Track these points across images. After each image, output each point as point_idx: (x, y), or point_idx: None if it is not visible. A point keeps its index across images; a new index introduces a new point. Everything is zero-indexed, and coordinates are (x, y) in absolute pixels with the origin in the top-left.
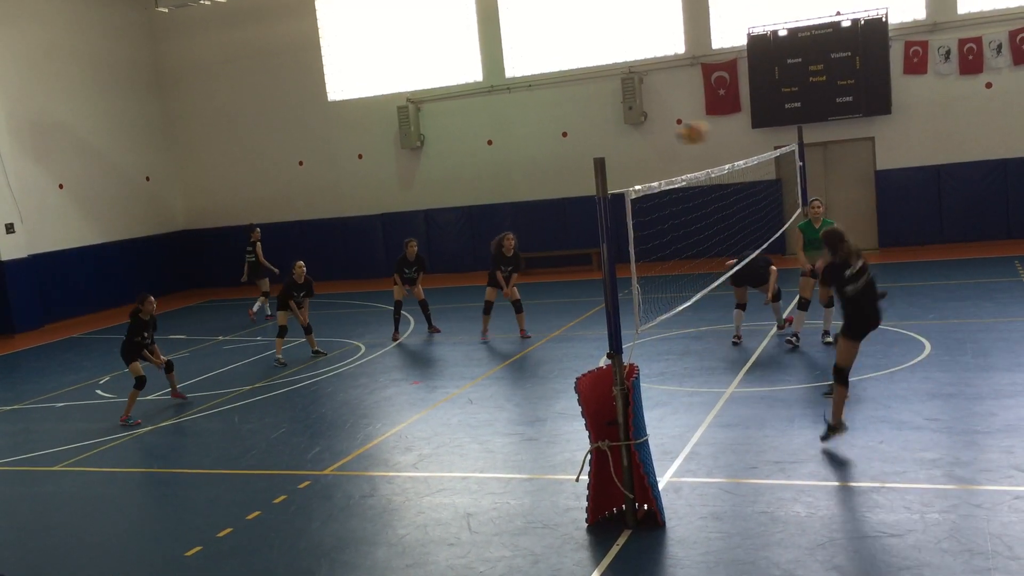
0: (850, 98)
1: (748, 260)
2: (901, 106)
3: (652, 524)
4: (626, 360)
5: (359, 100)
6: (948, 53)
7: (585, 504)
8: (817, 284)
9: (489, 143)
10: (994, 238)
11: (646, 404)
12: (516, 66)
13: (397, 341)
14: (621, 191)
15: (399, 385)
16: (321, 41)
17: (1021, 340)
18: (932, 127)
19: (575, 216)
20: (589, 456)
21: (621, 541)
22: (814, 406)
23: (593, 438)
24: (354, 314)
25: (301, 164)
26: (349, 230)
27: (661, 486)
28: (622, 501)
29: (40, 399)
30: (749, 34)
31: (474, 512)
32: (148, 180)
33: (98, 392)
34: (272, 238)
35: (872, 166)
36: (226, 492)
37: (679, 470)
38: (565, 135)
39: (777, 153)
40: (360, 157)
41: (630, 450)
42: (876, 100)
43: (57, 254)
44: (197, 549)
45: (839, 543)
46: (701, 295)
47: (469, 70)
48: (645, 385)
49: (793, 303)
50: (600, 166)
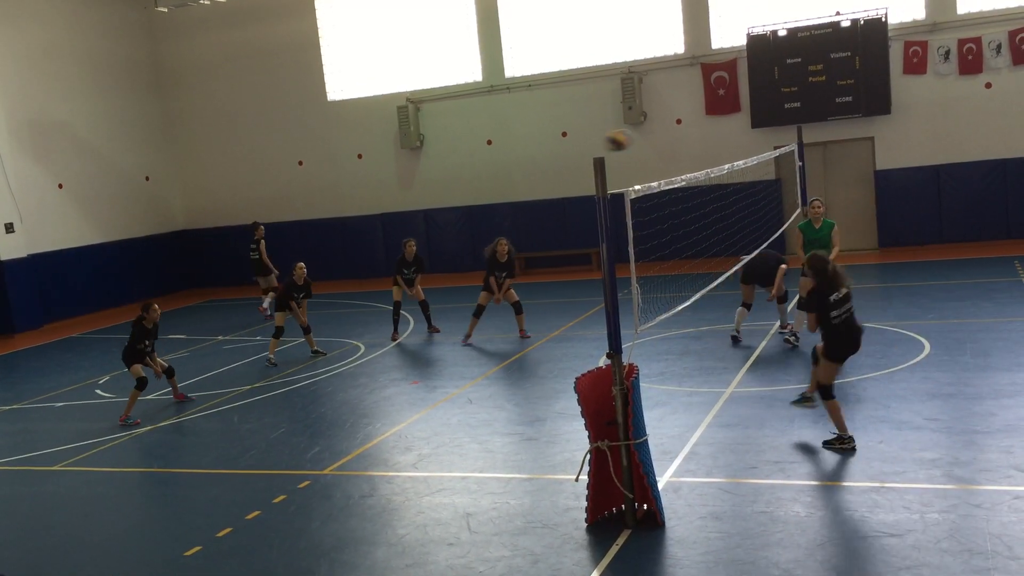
0: (850, 98)
1: (758, 253)
2: (901, 106)
3: (652, 524)
4: (626, 360)
5: (359, 100)
6: (948, 53)
7: (585, 504)
8: (797, 307)
9: (489, 143)
10: (993, 238)
11: (646, 404)
12: (516, 66)
13: (396, 341)
14: (621, 191)
15: (399, 385)
16: (321, 41)
17: (1020, 340)
18: (932, 127)
19: (575, 216)
20: (588, 456)
21: (620, 541)
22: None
23: (592, 438)
24: (354, 314)
25: (301, 164)
26: (349, 230)
27: (661, 486)
28: (622, 501)
29: (39, 399)
30: (749, 34)
31: (474, 512)
32: (148, 180)
33: (97, 392)
34: (272, 238)
35: (872, 166)
36: (226, 492)
37: (678, 470)
38: (565, 135)
39: (777, 153)
40: (360, 157)
41: (630, 450)
42: (876, 100)
43: (56, 254)
44: (196, 549)
45: (839, 543)
46: (700, 295)
47: (469, 70)
48: (645, 385)
49: (793, 303)
50: (600, 166)
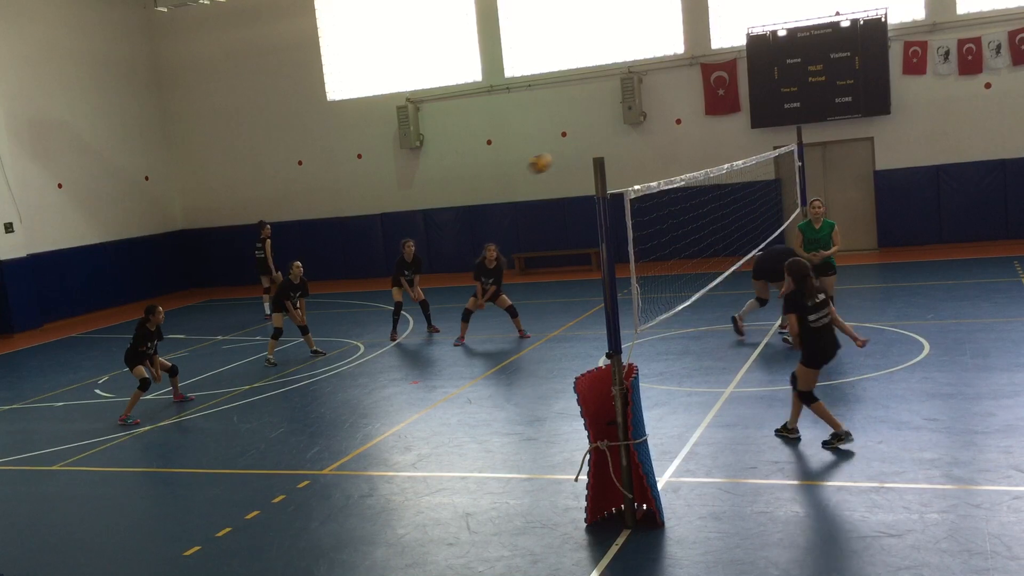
0: (849, 98)
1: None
2: (900, 106)
3: (651, 524)
4: (625, 360)
5: (358, 100)
6: (947, 53)
7: (584, 504)
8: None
9: (488, 143)
10: (993, 238)
11: (645, 404)
12: (515, 66)
13: (395, 341)
14: (620, 191)
15: (398, 385)
16: (320, 40)
17: (1019, 340)
18: (931, 127)
19: (574, 216)
20: (588, 456)
21: (620, 541)
22: None
23: (592, 438)
24: (353, 314)
25: (300, 164)
26: (348, 230)
27: (660, 486)
28: (621, 501)
29: (39, 399)
30: (748, 34)
31: (473, 512)
32: (147, 179)
33: (97, 392)
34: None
35: (871, 166)
36: (225, 492)
37: (678, 470)
38: (564, 135)
39: (776, 153)
40: (359, 157)
41: (629, 450)
42: (875, 100)
43: (56, 253)
44: (196, 549)
45: (838, 543)
46: (700, 295)
47: (468, 70)
48: (644, 385)
49: None
50: (599, 166)
